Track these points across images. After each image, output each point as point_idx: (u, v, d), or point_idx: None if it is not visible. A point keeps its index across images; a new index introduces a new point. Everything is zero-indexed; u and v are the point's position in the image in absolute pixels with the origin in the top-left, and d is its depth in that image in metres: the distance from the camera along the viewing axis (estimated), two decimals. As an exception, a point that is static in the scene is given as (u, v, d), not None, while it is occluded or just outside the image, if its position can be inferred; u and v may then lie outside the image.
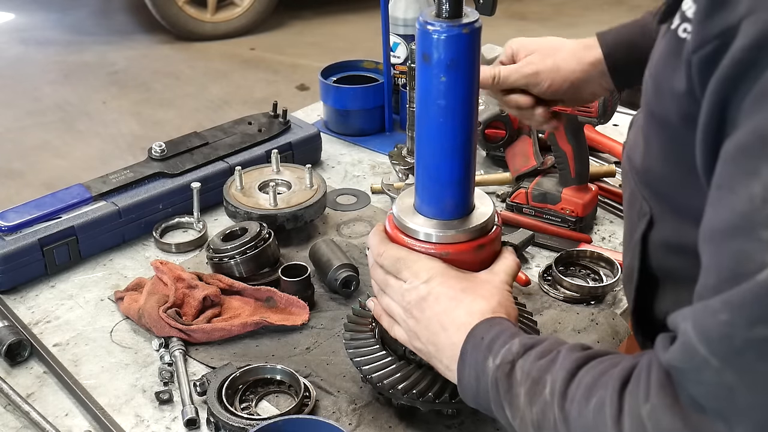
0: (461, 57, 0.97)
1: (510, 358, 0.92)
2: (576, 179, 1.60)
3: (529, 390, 0.89)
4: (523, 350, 0.92)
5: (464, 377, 0.98)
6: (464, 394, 0.99)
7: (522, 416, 0.90)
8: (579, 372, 0.86)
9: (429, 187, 1.07)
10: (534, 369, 0.89)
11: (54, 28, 6.32)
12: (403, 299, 1.06)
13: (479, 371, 0.95)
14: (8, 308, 1.43)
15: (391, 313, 1.10)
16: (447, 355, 1.01)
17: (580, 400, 0.83)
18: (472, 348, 0.97)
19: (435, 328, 1.02)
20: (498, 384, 0.92)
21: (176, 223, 1.66)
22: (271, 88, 5.33)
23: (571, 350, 0.90)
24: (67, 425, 1.21)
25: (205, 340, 1.34)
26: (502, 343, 0.95)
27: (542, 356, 0.90)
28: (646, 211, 0.95)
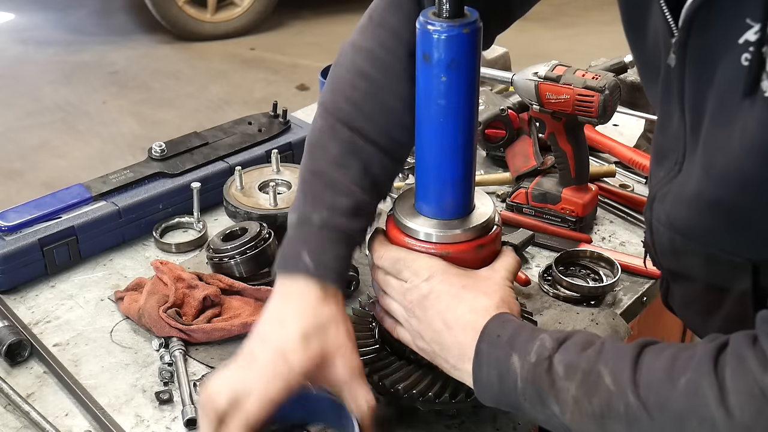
0: (462, 57, 0.97)
1: (546, 354, 0.91)
2: (576, 179, 1.60)
3: (583, 382, 0.88)
4: (557, 345, 0.92)
5: (483, 377, 0.96)
6: (482, 393, 0.98)
7: (575, 410, 0.89)
8: (641, 359, 0.86)
9: (429, 187, 1.07)
10: (582, 361, 0.89)
11: (54, 28, 6.32)
12: (404, 299, 1.05)
13: (502, 370, 0.94)
14: (8, 308, 1.43)
15: (393, 314, 1.09)
16: (453, 354, 1.00)
17: (660, 384, 0.83)
18: (488, 347, 0.96)
19: (438, 326, 1.02)
20: (537, 381, 0.91)
21: (176, 223, 1.66)
22: (271, 88, 5.33)
23: (615, 340, 0.90)
24: (67, 425, 1.21)
25: (205, 340, 1.34)
26: (527, 340, 0.94)
27: (584, 348, 0.90)
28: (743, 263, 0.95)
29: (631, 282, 1.49)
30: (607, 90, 1.47)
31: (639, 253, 1.57)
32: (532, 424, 1.21)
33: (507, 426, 1.19)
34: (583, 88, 1.49)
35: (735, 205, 0.91)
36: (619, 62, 1.89)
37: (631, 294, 1.47)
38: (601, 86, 1.47)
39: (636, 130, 1.94)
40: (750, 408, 0.77)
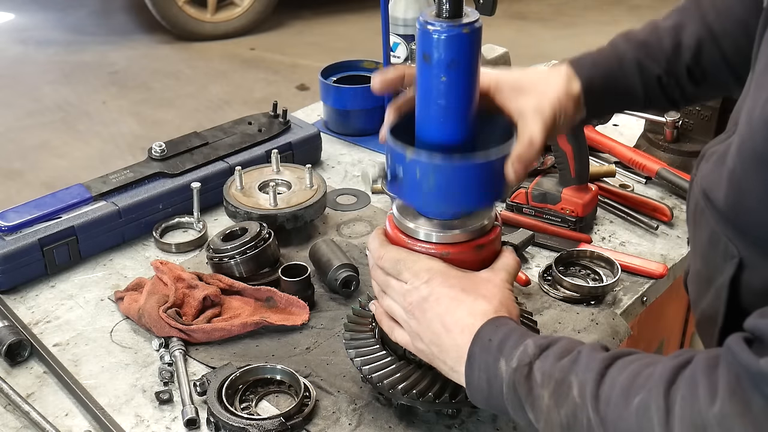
0: (461, 57, 0.97)
1: (527, 360, 0.92)
2: (576, 179, 1.60)
3: (554, 392, 0.88)
4: (539, 351, 0.92)
5: (474, 380, 0.97)
6: (474, 396, 0.99)
7: (547, 418, 0.89)
8: (608, 372, 0.86)
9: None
10: (556, 370, 0.89)
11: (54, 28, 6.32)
12: (404, 300, 1.05)
13: (490, 374, 0.95)
14: (8, 308, 1.43)
15: (392, 315, 1.09)
16: (451, 356, 1.01)
17: (617, 402, 0.83)
18: (480, 350, 0.97)
19: (437, 329, 1.02)
20: (516, 387, 0.92)
21: (176, 223, 1.66)
22: (271, 88, 5.33)
23: (592, 350, 0.90)
24: (67, 425, 1.21)
25: (205, 340, 1.34)
26: (514, 345, 0.94)
27: (562, 356, 0.90)
28: (733, 254, 0.92)
29: (631, 282, 1.49)
30: (607, 90, 1.47)
31: (639, 253, 1.57)
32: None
33: (507, 426, 1.19)
34: (583, 88, 1.48)
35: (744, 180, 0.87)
36: (619, 62, 1.88)
37: (631, 294, 1.47)
38: (601, 86, 1.47)
39: (636, 130, 1.94)
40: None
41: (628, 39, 1.20)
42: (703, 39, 1.18)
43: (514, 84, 1.11)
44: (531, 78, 1.14)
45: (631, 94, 1.19)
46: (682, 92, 1.20)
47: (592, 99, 1.17)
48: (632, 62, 1.17)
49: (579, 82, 1.16)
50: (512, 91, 1.11)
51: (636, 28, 1.23)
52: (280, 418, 1.16)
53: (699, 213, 1.00)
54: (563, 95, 1.13)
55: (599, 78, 1.17)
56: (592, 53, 1.20)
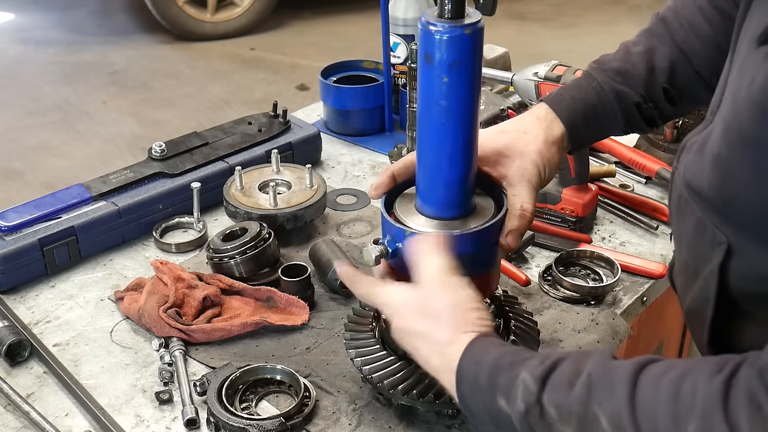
0: (463, 57, 0.97)
1: (533, 399, 0.87)
2: (576, 179, 1.60)
3: (580, 427, 0.83)
4: (541, 384, 0.87)
5: (476, 415, 0.95)
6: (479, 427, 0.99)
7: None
8: (638, 395, 0.80)
9: (430, 186, 1.07)
10: (573, 403, 0.84)
11: (54, 28, 6.32)
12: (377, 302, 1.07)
13: (493, 411, 0.91)
14: (8, 308, 1.43)
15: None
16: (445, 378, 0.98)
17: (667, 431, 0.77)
18: (470, 393, 0.93)
19: (419, 355, 1.02)
20: (534, 426, 0.87)
21: (176, 223, 1.66)
22: (271, 88, 5.33)
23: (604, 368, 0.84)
24: (67, 425, 1.21)
25: (205, 340, 1.34)
26: (509, 381, 0.90)
27: (571, 384, 0.85)
28: (721, 241, 0.91)
29: (631, 282, 1.49)
30: (607, 90, 1.47)
31: (639, 253, 1.57)
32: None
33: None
34: (583, 88, 1.48)
35: (730, 163, 0.88)
36: (619, 62, 1.88)
37: (631, 294, 1.47)
38: (602, 86, 1.47)
39: (636, 130, 1.94)
40: None
41: (603, 69, 1.22)
42: (675, 60, 1.21)
43: (493, 150, 1.14)
44: (509, 139, 1.15)
45: (611, 123, 1.23)
46: (660, 113, 1.23)
47: (576, 135, 1.20)
48: (611, 93, 1.20)
49: (560, 123, 1.18)
50: (494, 158, 1.14)
51: (608, 54, 1.25)
52: (280, 418, 1.16)
53: (683, 204, 1.00)
54: (543, 146, 1.15)
55: (580, 115, 1.20)
56: (569, 88, 1.22)
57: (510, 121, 1.21)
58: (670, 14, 1.25)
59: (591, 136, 1.26)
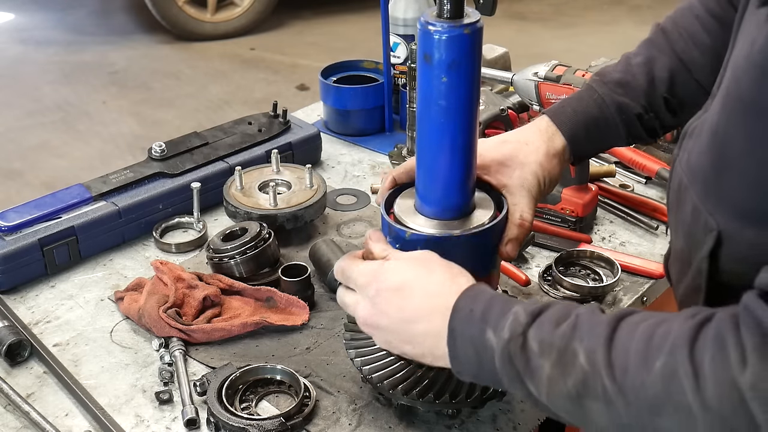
0: (463, 57, 0.97)
1: (520, 330, 0.88)
2: (576, 179, 1.60)
3: (558, 361, 0.86)
4: (531, 318, 0.89)
5: (459, 355, 0.94)
6: (462, 370, 0.96)
7: (550, 390, 0.87)
8: (616, 336, 0.83)
9: (430, 187, 1.07)
10: (555, 338, 0.86)
11: (54, 28, 6.32)
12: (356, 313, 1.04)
13: (478, 346, 0.92)
14: (8, 308, 1.43)
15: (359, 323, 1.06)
16: (428, 345, 0.98)
17: (636, 368, 0.80)
18: (461, 323, 0.94)
19: (402, 327, 0.99)
20: (513, 359, 0.89)
21: (176, 223, 1.66)
22: (271, 88, 5.33)
23: (591, 313, 0.87)
24: (67, 425, 1.21)
25: (205, 340, 1.34)
26: (500, 313, 0.91)
27: (558, 322, 0.87)
28: (712, 227, 0.91)
29: (631, 282, 1.49)
30: (607, 90, 1.47)
31: (639, 253, 1.57)
32: (532, 424, 1.21)
33: (507, 426, 1.19)
34: (583, 88, 1.48)
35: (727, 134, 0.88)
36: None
37: (631, 294, 1.47)
38: (601, 86, 1.47)
39: (636, 130, 1.94)
40: (727, 402, 0.75)
41: (604, 81, 1.23)
42: (674, 70, 1.22)
43: (494, 160, 1.16)
44: (510, 150, 1.17)
45: (613, 135, 1.24)
46: (662, 123, 1.24)
47: (577, 148, 1.22)
48: (612, 105, 1.21)
49: (561, 136, 1.20)
50: (495, 167, 1.16)
51: (609, 66, 1.27)
52: (280, 418, 1.16)
53: (682, 191, 1.00)
54: (544, 158, 1.18)
55: (581, 127, 1.22)
56: (570, 101, 1.24)
57: (512, 132, 1.23)
58: (669, 24, 1.26)
59: (593, 148, 1.27)
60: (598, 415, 0.85)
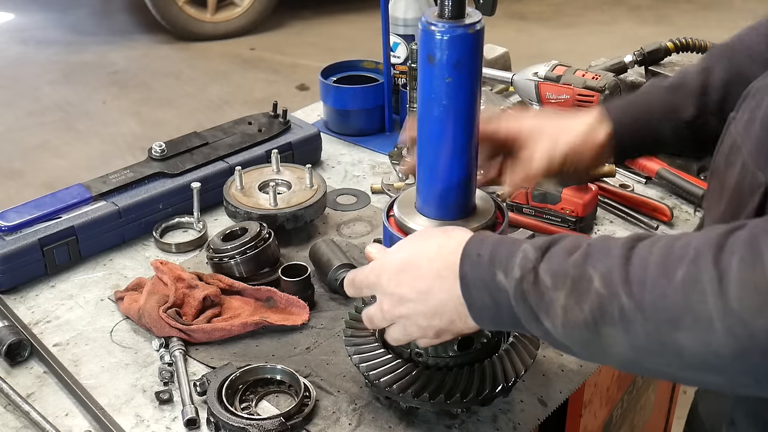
0: (466, 57, 0.97)
1: (530, 266, 0.86)
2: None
3: (572, 290, 0.82)
4: (540, 254, 0.86)
5: (476, 302, 0.92)
6: (481, 319, 0.93)
7: (566, 321, 0.83)
8: (633, 254, 0.80)
9: (431, 187, 1.07)
10: (568, 267, 0.83)
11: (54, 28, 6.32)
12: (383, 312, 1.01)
13: (492, 291, 0.89)
14: (8, 308, 1.43)
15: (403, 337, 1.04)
16: (450, 309, 0.95)
17: (654, 281, 0.77)
18: (471, 269, 0.91)
19: (422, 304, 0.97)
20: (526, 296, 0.86)
21: (176, 223, 1.66)
22: (271, 88, 5.33)
23: (604, 239, 0.85)
24: (67, 425, 1.21)
25: (205, 340, 1.34)
26: (508, 254, 0.89)
27: (570, 252, 0.85)
28: (760, 182, 0.89)
29: (631, 282, 1.49)
30: (607, 90, 1.47)
31: (639, 253, 1.57)
32: (532, 424, 1.21)
33: (507, 426, 1.19)
34: (583, 87, 1.49)
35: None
36: (619, 62, 1.88)
37: (632, 294, 1.46)
38: (601, 86, 1.47)
39: (636, 130, 1.94)
40: (752, 302, 0.71)
41: (659, 84, 1.24)
42: (731, 79, 1.19)
43: (534, 129, 1.19)
44: (552, 125, 1.21)
45: (659, 136, 1.23)
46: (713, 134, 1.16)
47: (621, 142, 1.21)
48: (661, 104, 1.21)
49: (608, 126, 1.20)
50: (531, 135, 1.19)
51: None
52: (280, 418, 1.16)
53: (734, 152, 0.97)
54: (579, 144, 1.19)
55: (629, 121, 1.21)
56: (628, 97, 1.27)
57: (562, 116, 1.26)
58: (733, 40, 1.25)
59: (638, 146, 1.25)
60: (615, 341, 0.81)
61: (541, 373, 1.28)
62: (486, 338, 1.15)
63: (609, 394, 1.64)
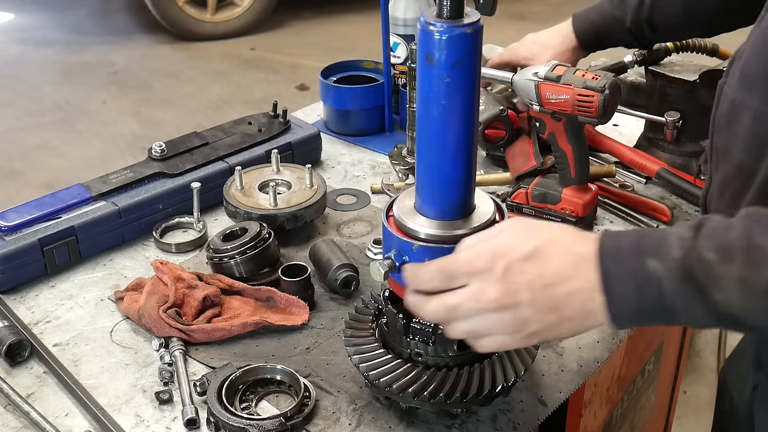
0: (465, 57, 0.97)
1: (690, 245, 0.87)
2: (576, 179, 1.59)
3: (746, 261, 0.85)
4: (694, 233, 0.88)
5: (616, 296, 0.91)
6: (619, 313, 0.92)
7: (747, 291, 0.85)
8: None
9: (431, 187, 1.07)
10: (733, 241, 0.86)
11: (54, 28, 6.32)
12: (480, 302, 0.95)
13: (640, 279, 0.89)
14: (8, 308, 1.43)
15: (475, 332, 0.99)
16: (577, 303, 0.93)
17: None
18: (612, 263, 0.91)
19: (544, 294, 0.93)
20: (693, 273, 0.87)
21: (176, 223, 1.66)
22: (271, 88, 5.34)
23: (756, 211, 0.89)
24: (67, 425, 1.21)
25: (205, 340, 1.34)
26: (658, 240, 0.90)
27: (727, 228, 0.87)
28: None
29: (631, 282, 1.49)
30: (607, 90, 1.47)
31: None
32: (532, 424, 1.21)
33: (507, 426, 1.19)
34: (583, 88, 1.48)
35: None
36: (619, 62, 1.88)
37: (631, 294, 1.46)
38: (601, 86, 1.47)
39: (636, 130, 1.94)
40: None
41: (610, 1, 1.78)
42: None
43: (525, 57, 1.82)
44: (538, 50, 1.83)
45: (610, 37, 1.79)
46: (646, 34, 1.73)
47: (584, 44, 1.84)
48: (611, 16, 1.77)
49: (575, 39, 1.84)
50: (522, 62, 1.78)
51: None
52: (280, 418, 1.16)
53: (736, 109, 1.03)
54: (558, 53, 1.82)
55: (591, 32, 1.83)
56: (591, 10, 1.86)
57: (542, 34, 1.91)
58: None
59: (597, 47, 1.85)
60: None
61: (541, 373, 1.28)
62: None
63: (609, 394, 1.65)
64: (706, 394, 3.04)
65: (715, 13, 1.64)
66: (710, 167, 1.18)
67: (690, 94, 1.74)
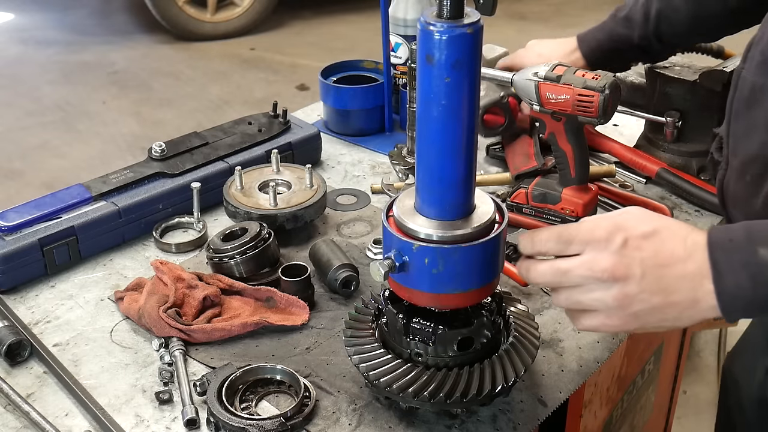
0: (465, 57, 0.97)
1: None
2: (576, 179, 1.60)
3: None
4: None
5: (728, 287, 0.92)
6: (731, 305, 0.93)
7: None
8: None
9: (431, 187, 1.07)
10: None
11: (54, 28, 6.32)
12: (593, 271, 0.96)
13: (752, 268, 0.90)
14: (8, 308, 1.43)
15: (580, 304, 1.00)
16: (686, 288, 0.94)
17: None
18: (723, 255, 0.92)
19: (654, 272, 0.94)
20: None
21: (176, 223, 1.66)
22: (271, 88, 5.34)
23: None
24: (67, 425, 1.21)
25: (205, 340, 1.34)
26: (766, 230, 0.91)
27: None
28: None
29: (631, 282, 1.49)
30: (607, 90, 1.47)
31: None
32: (532, 424, 1.21)
33: (507, 426, 1.19)
34: (583, 88, 1.48)
35: None
36: (619, 62, 1.89)
37: (631, 294, 1.46)
38: (601, 86, 1.47)
39: (636, 130, 1.94)
40: None
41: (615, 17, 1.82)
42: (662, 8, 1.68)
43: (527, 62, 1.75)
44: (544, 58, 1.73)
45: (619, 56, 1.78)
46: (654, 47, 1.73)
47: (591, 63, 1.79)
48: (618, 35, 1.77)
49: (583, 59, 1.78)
50: None
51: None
52: (280, 418, 1.16)
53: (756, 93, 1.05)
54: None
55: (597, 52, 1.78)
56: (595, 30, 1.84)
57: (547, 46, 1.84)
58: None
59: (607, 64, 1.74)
60: None
61: (541, 373, 1.28)
62: (486, 338, 1.15)
63: (609, 394, 1.65)
64: (706, 394, 3.04)
65: (721, 17, 1.64)
66: (726, 152, 1.19)
67: (690, 94, 1.74)
